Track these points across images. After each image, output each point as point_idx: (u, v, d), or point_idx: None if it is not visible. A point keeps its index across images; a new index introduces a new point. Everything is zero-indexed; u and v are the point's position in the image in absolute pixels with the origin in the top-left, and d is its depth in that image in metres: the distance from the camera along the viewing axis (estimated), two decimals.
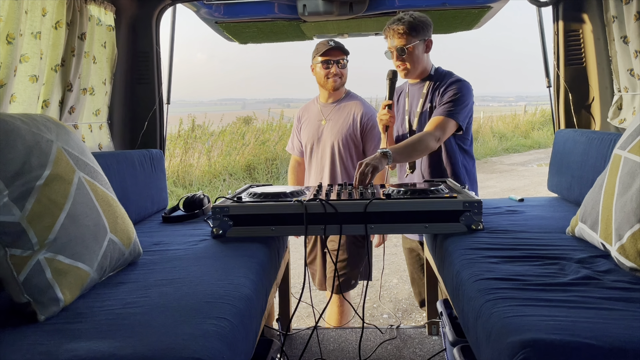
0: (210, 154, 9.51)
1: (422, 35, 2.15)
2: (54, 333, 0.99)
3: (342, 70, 2.49)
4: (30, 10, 1.68)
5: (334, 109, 2.54)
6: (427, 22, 2.17)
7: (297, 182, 2.78)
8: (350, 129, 2.47)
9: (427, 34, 2.18)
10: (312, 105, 2.66)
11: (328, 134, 2.50)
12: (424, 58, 2.22)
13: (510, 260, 1.33)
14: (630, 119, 2.03)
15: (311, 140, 2.56)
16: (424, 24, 2.15)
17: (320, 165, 2.53)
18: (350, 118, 2.49)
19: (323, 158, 2.52)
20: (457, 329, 1.71)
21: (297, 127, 2.70)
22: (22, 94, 1.68)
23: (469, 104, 2.16)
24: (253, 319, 1.23)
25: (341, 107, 2.54)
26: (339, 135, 2.48)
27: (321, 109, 2.57)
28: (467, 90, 2.17)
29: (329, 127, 2.51)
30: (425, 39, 2.17)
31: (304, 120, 2.64)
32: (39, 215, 1.11)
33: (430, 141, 2.05)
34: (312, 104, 2.66)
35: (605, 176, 1.37)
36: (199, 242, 1.65)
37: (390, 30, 2.16)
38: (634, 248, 1.17)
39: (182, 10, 2.59)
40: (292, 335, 2.35)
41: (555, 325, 0.93)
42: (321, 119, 2.55)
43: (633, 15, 1.87)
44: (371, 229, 1.65)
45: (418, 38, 2.14)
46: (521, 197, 2.21)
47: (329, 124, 2.52)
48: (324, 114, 2.55)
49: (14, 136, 1.12)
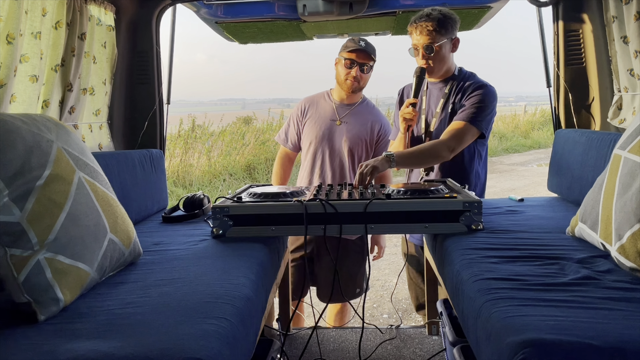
0: (210, 154, 9.51)
1: (450, 34, 2.06)
2: (54, 333, 0.99)
3: (363, 75, 2.40)
4: (30, 10, 1.68)
5: (351, 111, 2.46)
6: (456, 19, 2.08)
7: (284, 178, 2.65)
8: (367, 136, 2.44)
9: (455, 32, 2.09)
10: (322, 100, 2.54)
11: (341, 136, 2.43)
12: (450, 57, 2.14)
13: (510, 260, 1.33)
14: (630, 119, 2.03)
15: (319, 138, 2.44)
16: (452, 22, 2.06)
17: (323, 166, 2.45)
18: (368, 125, 2.45)
19: (332, 159, 2.43)
20: (457, 329, 1.71)
21: (298, 119, 2.55)
22: (22, 94, 1.68)
23: (492, 111, 2.09)
24: (253, 319, 1.23)
25: (358, 111, 2.47)
26: (355, 140, 2.42)
27: (336, 108, 2.48)
28: (492, 96, 2.09)
29: (343, 129, 2.43)
30: (452, 37, 2.09)
31: (311, 115, 2.51)
32: (39, 215, 1.11)
33: (442, 151, 1.98)
34: (323, 99, 2.54)
35: (605, 176, 1.37)
36: (199, 242, 1.65)
37: (418, 27, 2.05)
38: (634, 248, 1.17)
39: (182, 10, 2.59)
40: (292, 335, 2.35)
41: (555, 325, 0.93)
42: (335, 118, 2.45)
43: (633, 15, 1.87)
44: (371, 229, 1.65)
45: (446, 36, 2.05)
46: (521, 197, 2.21)
47: (344, 126, 2.44)
48: (339, 113, 2.46)
49: (14, 136, 1.12)
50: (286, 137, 2.59)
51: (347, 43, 2.41)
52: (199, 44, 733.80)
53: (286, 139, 2.59)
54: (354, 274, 2.52)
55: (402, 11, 2.50)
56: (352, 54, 2.36)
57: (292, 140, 2.57)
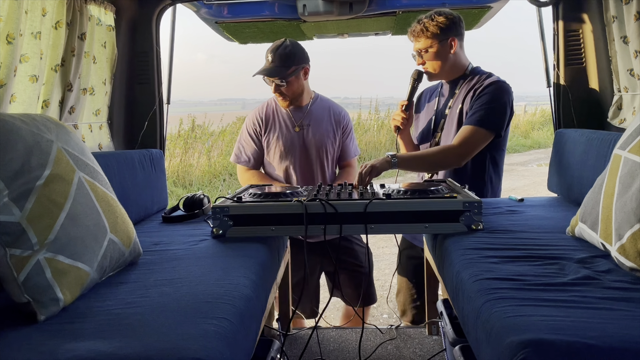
0: (210, 154, 9.52)
1: (445, 35, 2.03)
2: (54, 333, 0.99)
3: (285, 89, 2.26)
4: (30, 10, 1.68)
5: (308, 113, 2.38)
6: (450, 21, 2.03)
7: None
8: (331, 132, 2.39)
9: (450, 34, 2.03)
10: (274, 110, 2.40)
11: (307, 141, 2.34)
12: (451, 58, 2.08)
13: (510, 260, 1.33)
14: (630, 119, 2.03)
15: (287, 149, 2.33)
16: (444, 24, 2.02)
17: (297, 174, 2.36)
18: (329, 119, 2.41)
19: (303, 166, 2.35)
20: (457, 329, 1.71)
21: (257, 134, 2.38)
22: (22, 94, 1.68)
23: (504, 107, 2.00)
24: (253, 319, 1.23)
25: (313, 111, 2.39)
26: (321, 141, 2.35)
27: (292, 115, 2.36)
28: (502, 91, 2.00)
29: (309, 133, 2.34)
30: (448, 38, 2.04)
31: (271, 127, 2.36)
32: (39, 215, 1.11)
33: (450, 157, 1.95)
34: (273, 108, 2.40)
35: (605, 176, 1.37)
36: (199, 242, 1.65)
37: (412, 32, 2.07)
38: (634, 248, 1.16)
39: (182, 10, 2.59)
40: (292, 335, 2.35)
41: (555, 325, 0.93)
42: (294, 125, 2.35)
43: (633, 15, 1.87)
44: (371, 229, 1.65)
45: (439, 38, 2.02)
46: (521, 197, 2.21)
47: (307, 130, 2.34)
48: (295, 120, 2.35)
49: (14, 136, 1.12)
50: (249, 157, 2.39)
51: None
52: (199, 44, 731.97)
53: (248, 159, 2.40)
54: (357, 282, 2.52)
55: (402, 11, 2.50)
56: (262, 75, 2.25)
57: (256, 158, 2.40)
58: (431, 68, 2.10)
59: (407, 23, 2.74)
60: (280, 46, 2.24)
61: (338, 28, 2.72)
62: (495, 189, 2.19)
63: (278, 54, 2.22)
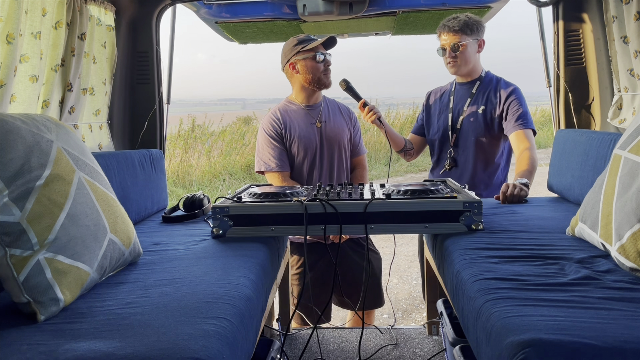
0: (210, 154, 9.52)
1: (475, 35, 2.27)
2: (54, 333, 0.99)
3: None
4: (30, 10, 1.68)
5: (324, 109, 2.39)
6: (482, 23, 2.29)
7: None
8: (346, 126, 2.43)
9: (480, 34, 2.29)
10: (290, 109, 2.38)
11: (330, 135, 2.35)
12: (475, 58, 2.32)
13: (510, 260, 1.33)
14: (630, 119, 2.03)
15: (312, 146, 2.32)
16: (478, 24, 2.27)
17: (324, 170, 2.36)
18: (342, 115, 2.45)
19: (330, 161, 2.36)
20: (457, 329, 1.71)
21: (282, 138, 2.33)
22: (22, 94, 1.68)
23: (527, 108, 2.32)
24: (253, 319, 1.23)
25: (327, 108, 2.41)
26: (340, 135, 2.38)
27: (309, 112, 2.36)
28: (523, 95, 2.32)
29: (327, 129, 2.35)
30: (478, 38, 2.28)
31: (290, 128, 2.33)
32: (39, 215, 1.11)
33: (535, 154, 2.21)
34: (290, 107, 2.38)
35: (605, 176, 1.37)
36: (199, 242, 1.65)
37: (445, 28, 2.26)
38: (634, 248, 1.16)
39: (182, 10, 2.60)
40: (292, 335, 2.35)
41: (555, 325, 0.93)
42: (313, 122, 2.35)
43: (633, 15, 1.87)
44: (371, 229, 1.65)
45: (471, 37, 2.26)
46: None
47: (326, 126, 2.35)
48: (313, 116, 2.37)
49: (14, 136, 1.12)
50: (281, 162, 2.31)
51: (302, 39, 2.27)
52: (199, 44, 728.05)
53: (279, 163, 2.30)
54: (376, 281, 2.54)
55: (402, 11, 2.50)
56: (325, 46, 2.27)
57: (284, 160, 2.33)
58: (462, 63, 2.29)
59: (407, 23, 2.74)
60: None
61: (338, 28, 2.73)
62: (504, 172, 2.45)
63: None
